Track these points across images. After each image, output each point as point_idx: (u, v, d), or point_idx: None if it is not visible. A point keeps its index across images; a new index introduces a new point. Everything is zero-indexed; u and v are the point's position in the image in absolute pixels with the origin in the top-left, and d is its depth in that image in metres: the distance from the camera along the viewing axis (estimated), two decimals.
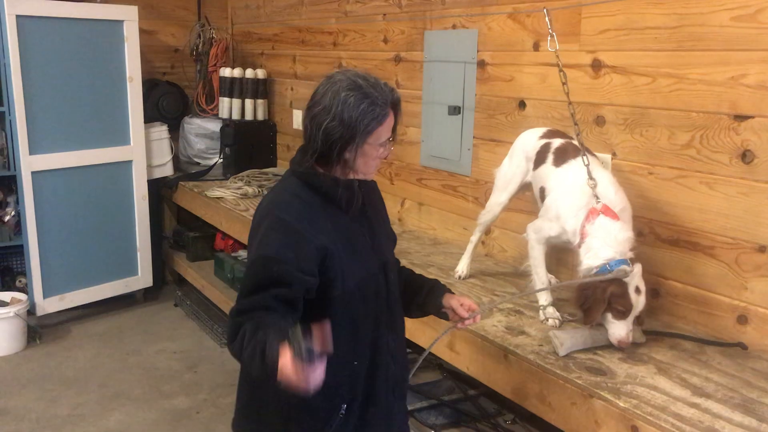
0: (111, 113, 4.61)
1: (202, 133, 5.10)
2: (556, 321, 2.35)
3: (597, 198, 2.20)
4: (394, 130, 1.74)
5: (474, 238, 2.84)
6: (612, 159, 2.59)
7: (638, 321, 2.16)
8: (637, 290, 2.10)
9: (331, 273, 1.67)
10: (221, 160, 4.99)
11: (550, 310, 2.39)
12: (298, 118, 4.76)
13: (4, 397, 3.67)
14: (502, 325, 2.35)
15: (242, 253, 4.59)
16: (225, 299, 4.38)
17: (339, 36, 4.21)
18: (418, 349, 2.81)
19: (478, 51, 3.14)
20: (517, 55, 2.94)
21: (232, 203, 4.26)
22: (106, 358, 4.14)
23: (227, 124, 4.95)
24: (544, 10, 2.56)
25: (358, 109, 1.64)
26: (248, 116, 4.99)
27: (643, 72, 2.45)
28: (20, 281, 4.71)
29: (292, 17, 4.71)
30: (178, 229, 5.26)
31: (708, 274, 2.32)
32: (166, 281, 5.32)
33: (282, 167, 5.02)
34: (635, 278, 2.10)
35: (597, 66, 2.61)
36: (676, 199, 2.39)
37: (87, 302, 4.68)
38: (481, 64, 3.13)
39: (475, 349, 2.29)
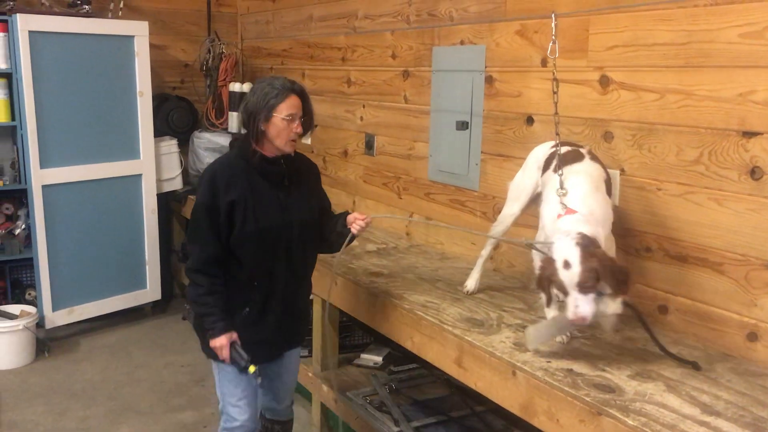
0: (121, 127, 4.65)
1: (211, 147, 5.12)
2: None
3: (564, 206, 2.21)
4: (306, 113, 2.48)
5: (485, 252, 2.82)
6: (620, 175, 2.59)
7: (615, 294, 2.09)
8: (566, 264, 2.04)
9: (235, 219, 2.45)
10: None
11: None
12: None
13: (13, 410, 3.68)
14: (510, 341, 2.34)
15: None
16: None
17: (348, 51, 4.23)
18: (423, 362, 2.81)
19: (486, 66, 3.15)
20: (525, 71, 2.95)
21: None
22: (115, 372, 4.14)
23: (236, 138, 4.96)
24: (552, 15, 2.53)
25: (263, 92, 2.43)
26: None
27: (651, 88, 2.46)
28: (30, 294, 4.73)
29: (302, 33, 4.75)
30: (187, 243, 5.27)
31: (717, 291, 2.31)
32: (174, 295, 5.34)
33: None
34: (561, 252, 2.05)
35: (605, 82, 2.61)
36: (685, 215, 2.39)
37: (96, 315, 4.70)
38: (489, 79, 3.14)
39: (483, 365, 2.29)
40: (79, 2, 4.82)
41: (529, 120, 2.95)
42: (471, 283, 2.82)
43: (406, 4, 3.65)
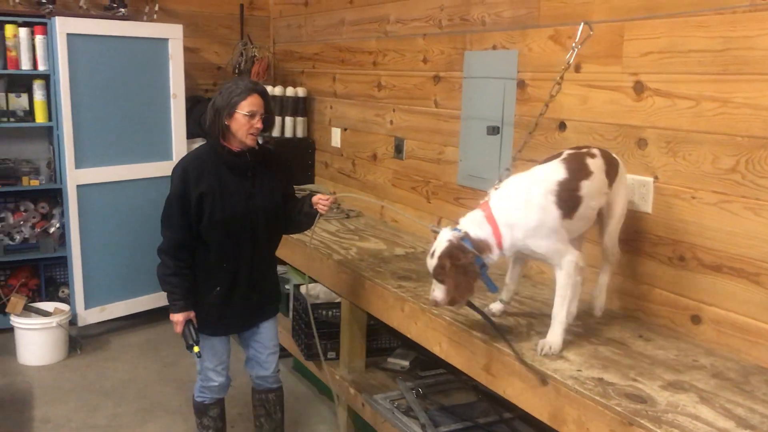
0: (154, 129, 4.72)
1: None
2: None
3: (487, 196, 2.34)
4: (267, 110, 2.75)
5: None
6: (654, 182, 2.56)
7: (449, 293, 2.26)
8: (432, 254, 2.28)
9: (204, 208, 2.73)
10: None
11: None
12: (336, 135, 4.80)
13: (46, 406, 3.75)
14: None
15: (279, 268, 4.60)
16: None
17: (379, 55, 4.25)
18: (451, 368, 2.80)
19: (518, 71, 3.14)
20: (558, 76, 2.93)
21: None
22: (144, 370, 4.20)
23: (267, 141, 5.00)
24: (581, 24, 2.52)
25: (228, 91, 2.72)
26: (288, 133, 5.05)
27: (686, 95, 2.43)
28: (63, 292, 4.82)
29: (333, 37, 4.77)
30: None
31: (752, 302, 2.27)
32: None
33: (320, 184, 5.07)
34: (436, 243, 2.28)
35: (639, 89, 2.59)
36: (720, 224, 2.35)
37: (127, 314, 4.77)
38: (521, 84, 3.13)
39: (512, 372, 2.27)
40: (115, 5, 4.90)
41: (562, 126, 2.93)
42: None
43: (438, 9, 3.65)
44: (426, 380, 3.30)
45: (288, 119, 5.03)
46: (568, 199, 2.27)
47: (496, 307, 2.61)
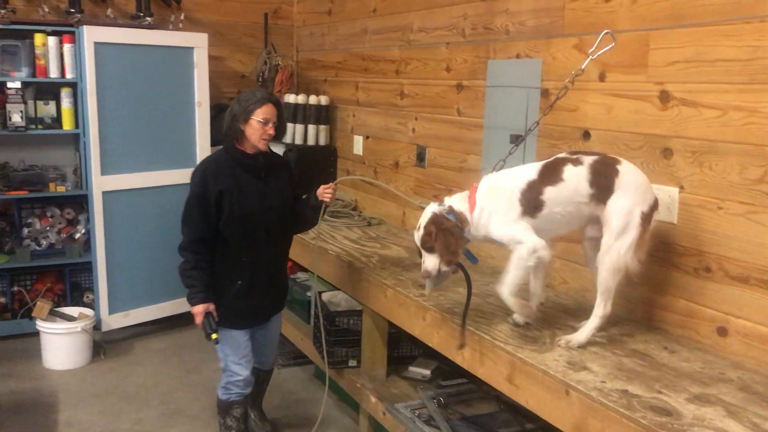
0: (179, 136, 4.77)
1: None
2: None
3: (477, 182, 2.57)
4: (279, 119, 3.01)
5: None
6: (679, 192, 2.54)
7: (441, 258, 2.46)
8: (418, 227, 2.51)
9: (223, 205, 2.96)
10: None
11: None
12: (359, 143, 4.82)
13: (70, 409, 3.79)
14: (563, 359, 2.31)
15: (301, 275, 4.64)
16: (283, 321, 4.42)
17: (401, 64, 4.26)
18: (472, 377, 2.79)
19: (542, 80, 3.13)
20: (582, 85, 2.92)
21: None
22: (167, 376, 4.23)
23: (290, 148, 5.03)
24: (602, 33, 2.56)
25: (245, 99, 2.98)
26: (310, 141, 5.07)
27: (712, 105, 2.40)
28: (87, 297, 4.87)
29: (356, 45, 4.79)
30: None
31: None
32: None
33: (341, 191, 5.07)
34: (422, 217, 2.53)
35: (665, 98, 2.57)
36: (747, 235, 2.32)
37: (150, 319, 4.81)
38: (545, 93, 3.12)
39: (535, 383, 2.26)
40: (141, 14, 4.97)
41: (586, 135, 2.92)
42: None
43: (461, 18, 3.65)
44: (447, 389, 3.28)
45: (311, 127, 5.05)
46: (531, 200, 2.40)
47: (519, 318, 2.60)
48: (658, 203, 2.43)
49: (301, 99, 5.05)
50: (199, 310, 2.99)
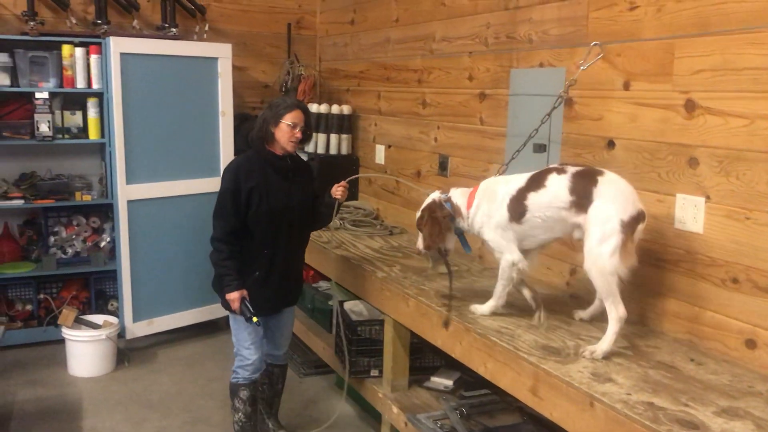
0: (203, 146, 4.80)
1: None
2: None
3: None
4: (307, 125, 3.23)
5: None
6: (705, 202, 2.50)
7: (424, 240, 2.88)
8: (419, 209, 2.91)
9: (252, 200, 3.18)
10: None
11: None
12: (381, 152, 4.82)
13: (94, 417, 3.82)
14: (588, 371, 2.28)
15: (323, 284, 4.65)
16: (305, 329, 4.44)
17: (424, 73, 4.26)
18: (495, 388, 2.77)
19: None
20: (606, 94, 2.90)
21: (314, 235, 4.33)
22: (190, 384, 4.25)
23: (312, 158, 5.05)
24: (592, 44, 2.84)
25: (276, 104, 3.23)
26: (333, 150, 5.09)
27: (739, 113, 2.37)
28: (112, 305, 4.92)
29: (378, 55, 4.81)
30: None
31: None
32: None
33: (363, 200, 5.09)
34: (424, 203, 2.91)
35: (690, 107, 2.54)
36: None
37: (173, 327, 4.84)
38: (569, 102, 3.10)
39: (559, 395, 2.24)
40: (166, 25, 5.03)
41: (611, 144, 2.89)
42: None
43: (484, 27, 3.65)
44: (470, 400, 3.26)
45: (333, 136, 5.07)
46: (516, 206, 2.62)
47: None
48: (644, 216, 2.45)
49: (323, 108, 5.07)
50: (235, 296, 3.19)
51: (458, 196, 2.87)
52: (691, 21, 2.53)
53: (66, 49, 4.57)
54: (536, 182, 2.59)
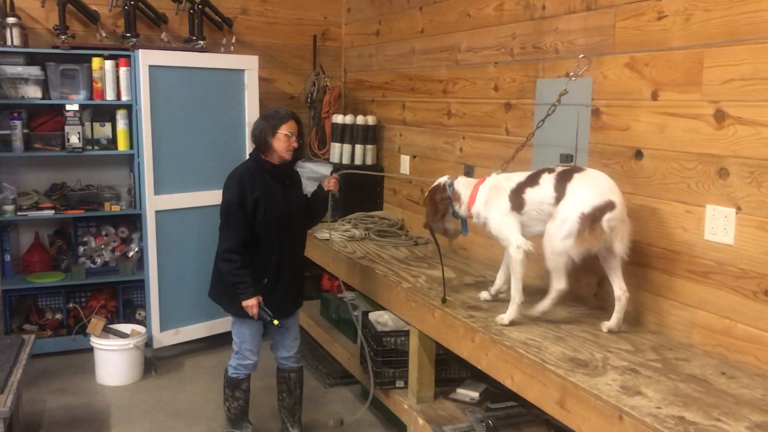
0: (229, 156, 4.81)
1: (313, 176, 5.25)
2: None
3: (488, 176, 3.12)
4: (299, 134, 3.38)
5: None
6: (736, 213, 2.47)
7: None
8: None
9: (259, 208, 3.30)
10: (331, 202, 5.11)
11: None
12: (405, 163, 4.83)
13: (122, 425, 3.85)
14: (616, 384, 2.25)
15: (348, 294, 4.65)
16: (330, 339, 4.44)
17: (449, 84, 4.26)
18: (522, 401, 2.75)
19: (592, 99, 3.09)
20: (634, 104, 2.88)
21: (339, 245, 4.35)
22: (216, 393, 4.26)
23: (337, 168, 5.07)
24: (580, 56, 3.09)
25: (271, 115, 3.36)
26: (357, 161, 5.11)
27: None
28: (140, 314, 4.96)
29: (403, 66, 4.82)
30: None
31: None
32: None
33: (388, 210, 5.09)
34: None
35: (720, 117, 2.51)
36: None
37: (199, 337, 4.87)
38: (596, 112, 3.08)
39: (587, 408, 2.21)
40: (194, 38, 5.09)
41: (638, 154, 2.87)
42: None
43: (510, 37, 3.65)
44: (496, 412, 3.23)
45: (358, 147, 5.09)
46: (516, 198, 2.90)
47: (483, 295, 3.19)
48: (613, 205, 2.63)
49: (348, 119, 5.09)
50: (252, 302, 3.29)
51: (461, 184, 3.11)
52: (720, 30, 2.50)
53: (96, 62, 4.65)
54: (533, 180, 2.88)
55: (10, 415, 2.85)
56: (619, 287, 2.73)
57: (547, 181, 2.81)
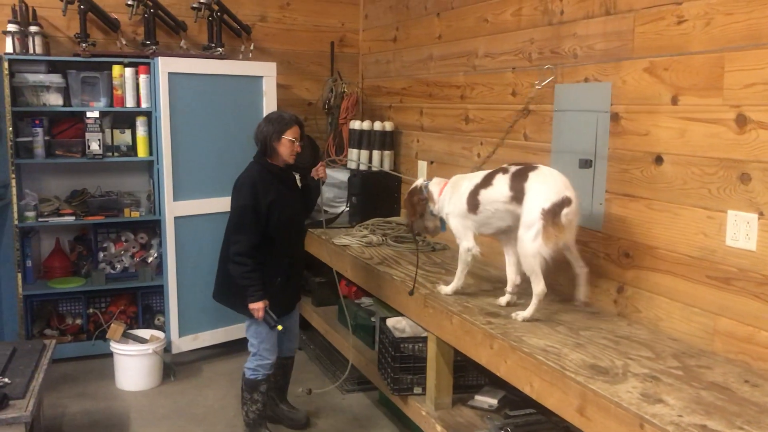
0: (247, 163, 4.85)
1: (331, 182, 5.26)
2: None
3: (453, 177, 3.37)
4: (301, 137, 3.54)
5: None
6: (758, 219, 2.44)
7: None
8: None
9: (272, 212, 3.44)
10: (348, 208, 5.13)
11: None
12: (423, 168, 4.82)
13: (141, 429, 3.88)
14: (637, 391, 2.23)
15: (365, 300, 4.65)
16: (347, 346, 4.44)
17: (466, 89, 4.26)
18: (541, 408, 2.73)
19: (611, 104, 3.07)
20: (654, 109, 2.86)
21: (357, 251, 4.35)
22: (234, 398, 4.27)
23: (355, 174, 5.08)
24: (545, 66, 3.39)
25: (275, 120, 3.51)
26: (375, 166, 5.11)
27: None
28: (159, 319, 4.99)
29: (421, 71, 4.82)
30: (305, 275, 5.40)
31: None
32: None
33: (405, 216, 5.08)
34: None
35: (741, 121, 2.48)
36: None
37: (217, 342, 4.89)
38: (615, 117, 3.06)
39: (607, 416, 2.19)
40: (213, 45, 5.13)
41: (658, 159, 2.84)
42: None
43: (528, 43, 3.64)
44: (515, 420, 3.21)
45: (375, 153, 5.10)
46: (472, 199, 3.11)
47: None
48: (569, 200, 2.80)
49: (365, 125, 5.10)
50: (260, 306, 3.44)
51: (434, 184, 3.37)
52: (742, 34, 2.47)
53: (116, 70, 4.70)
54: (487, 180, 3.08)
55: (32, 420, 2.87)
56: (578, 266, 2.98)
57: (501, 181, 3.01)
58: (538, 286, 2.88)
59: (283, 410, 3.94)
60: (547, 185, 2.85)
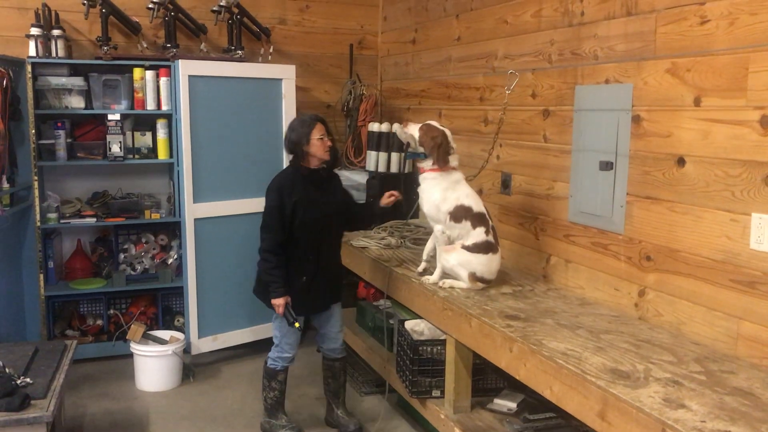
0: (267, 165, 4.86)
1: (349, 184, 5.26)
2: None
3: None
4: (328, 132, 3.63)
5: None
6: None
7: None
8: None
9: (297, 211, 3.54)
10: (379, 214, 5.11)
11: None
12: None
13: (160, 430, 3.90)
14: (659, 396, 2.20)
15: (383, 303, 4.63)
16: (365, 348, 4.43)
17: (486, 91, 4.24)
18: (561, 412, 2.70)
19: (633, 106, 3.04)
20: (676, 110, 2.82)
21: (375, 253, 4.34)
22: (253, 400, 4.29)
23: (373, 176, 5.08)
24: (509, 72, 3.69)
25: (299, 125, 3.60)
26: (393, 169, 5.10)
27: None
28: (178, 321, 5.02)
29: (440, 73, 4.81)
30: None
31: None
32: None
33: (423, 219, 5.05)
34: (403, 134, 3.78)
35: (766, 123, 2.44)
36: None
37: (237, 344, 4.90)
38: (636, 119, 3.03)
39: (629, 421, 2.16)
40: (233, 48, 5.16)
41: (680, 161, 2.81)
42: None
43: (548, 44, 3.61)
44: (535, 424, 3.19)
45: (394, 155, 5.09)
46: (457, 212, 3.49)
47: (420, 267, 3.76)
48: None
49: (384, 127, 5.10)
50: (280, 302, 3.54)
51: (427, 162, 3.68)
52: (766, 34, 2.44)
53: (137, 73, 4.74)
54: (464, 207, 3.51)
55: (53, 419, 2.90)
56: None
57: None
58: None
59: (338, 416, 3.93)
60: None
